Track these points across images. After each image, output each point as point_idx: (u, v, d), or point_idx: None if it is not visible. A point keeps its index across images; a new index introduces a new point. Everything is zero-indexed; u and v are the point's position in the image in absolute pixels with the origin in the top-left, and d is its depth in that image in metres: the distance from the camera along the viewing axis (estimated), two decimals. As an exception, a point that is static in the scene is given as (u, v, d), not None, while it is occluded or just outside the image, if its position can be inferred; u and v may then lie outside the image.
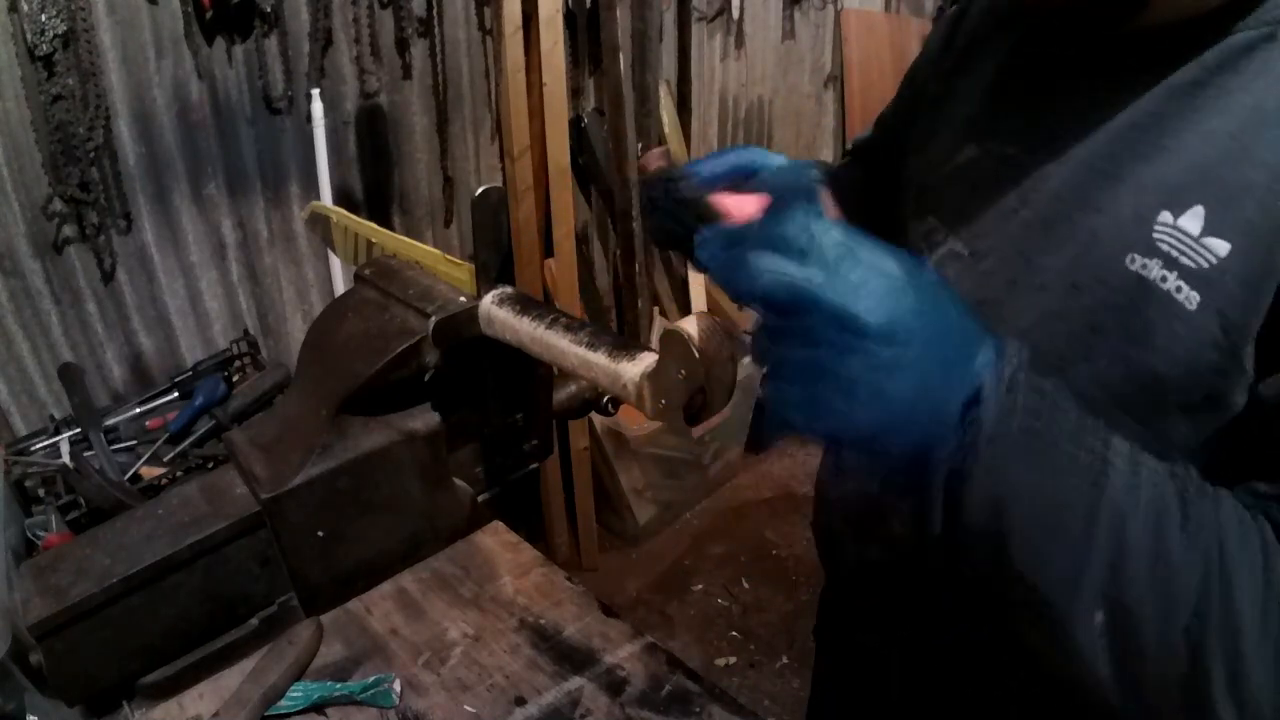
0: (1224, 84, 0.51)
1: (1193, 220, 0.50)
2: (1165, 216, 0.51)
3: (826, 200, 0.78)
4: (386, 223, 2.12)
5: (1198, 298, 0.49)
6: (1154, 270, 0.51)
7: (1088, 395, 0.52)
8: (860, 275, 0.40)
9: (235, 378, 1.77)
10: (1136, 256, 0.52)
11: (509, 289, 0.75)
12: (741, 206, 0.69)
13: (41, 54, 1.46)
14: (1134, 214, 0.53)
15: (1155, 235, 0.51)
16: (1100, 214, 0.55)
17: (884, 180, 0.83)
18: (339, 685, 0.75)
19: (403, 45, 1.97)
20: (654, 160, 0.76)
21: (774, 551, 2.53)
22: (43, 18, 1.44)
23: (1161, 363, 0.51)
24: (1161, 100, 0.53)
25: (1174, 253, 0.50)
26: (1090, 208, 0.55)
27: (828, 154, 3.42)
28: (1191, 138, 0.51)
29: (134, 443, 1.57)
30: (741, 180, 0.73)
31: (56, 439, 1.52)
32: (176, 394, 1.69)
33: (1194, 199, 0.50)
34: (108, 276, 1.70)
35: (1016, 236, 0.60)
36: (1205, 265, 0.49)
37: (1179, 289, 0.50)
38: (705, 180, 0.73)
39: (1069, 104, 0.59)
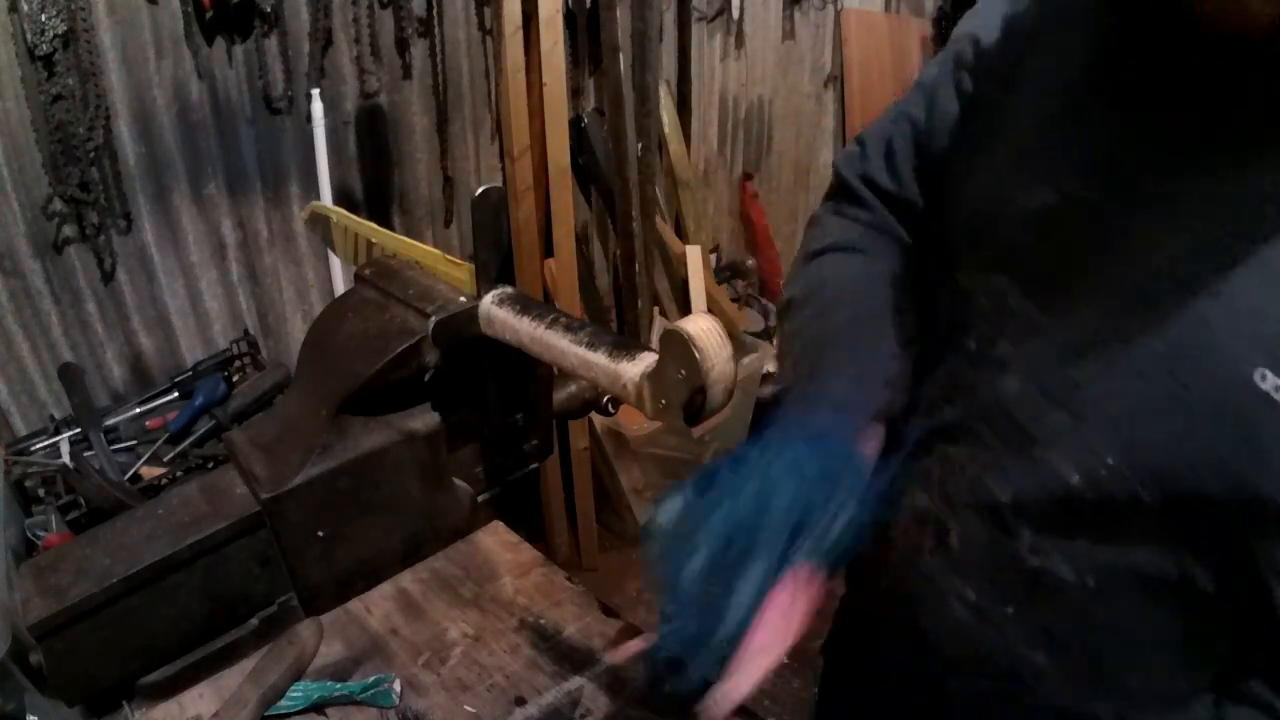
0: None
1: None
2: None
3: (869, 443, 0.61)
4: (386, 223, 2.12)
5: None
6: None
7: (1184, 527, 0.49)
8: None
9: (235, 378, 1.77)
10: (1268, 374, 0.44)
11: (509, 289, 0.75)
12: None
13: (41, 54, 1.46)
14: (1258, 309, 0.45)
15: None
16: (1215, 300, 0.46)
17: (922, 218, 0.71)
18: (339, 685, 0.75)
19: (403, 45, 1.97)
20: (629, 650, 0.62)
21: (774, 551, 2.53)
22: (43, 18, 1.44)
23: (1276, 489, 0.45)
24: None
25: None
26: (1206, 288, 0.47)
27: (828, 154, 3.42)
28: None
29: (134, 443, 1.57)
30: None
31: (56, 439, 1.53)
32: (176, 394, 1.70)
33: None
34: (108, 276, 1.71)
35: (1112, 310, 0.51)
36: None
37: None
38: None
39: (1182, 156, 0.48)
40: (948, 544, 0.63)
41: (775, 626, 0.48)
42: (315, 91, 1.73)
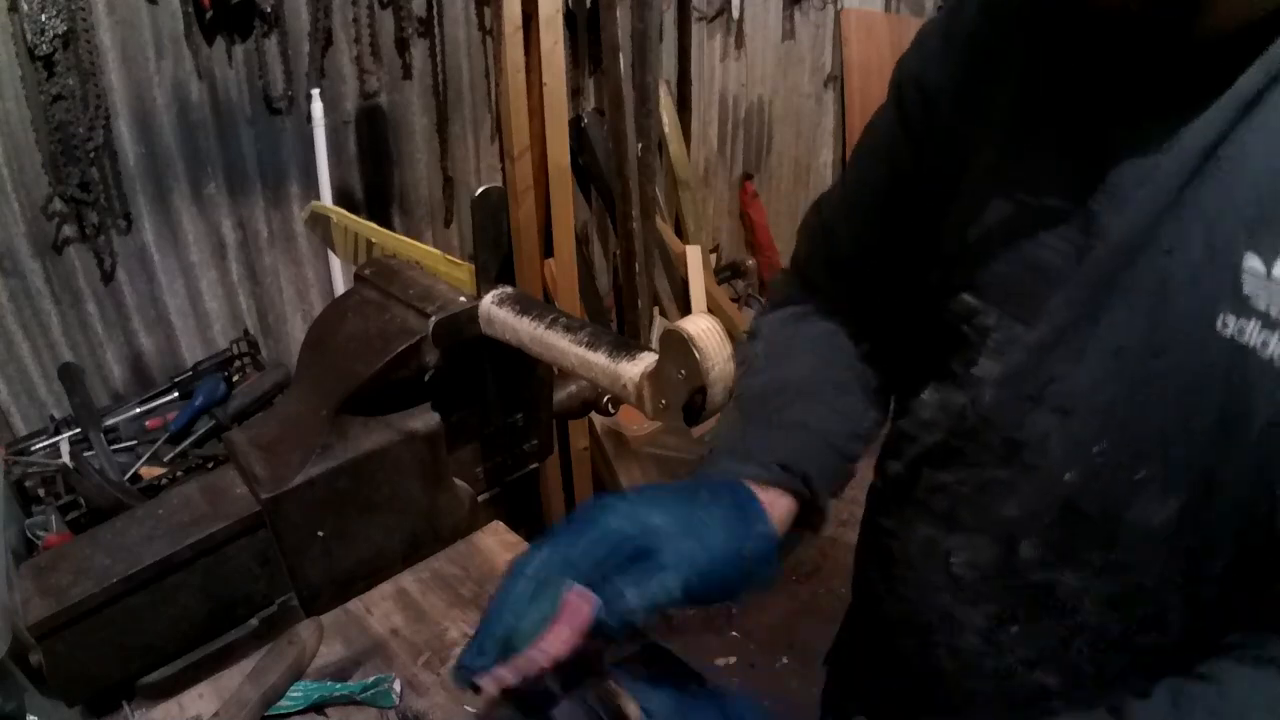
0: None
1: None
2: (1253, 264, 0.44)
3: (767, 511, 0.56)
4: (386, 223, 2.12)
5: None
6: (1252, 334, 0.44)
7: (1189, 499, 0.48)
8: None
9: (235, 378, 1.77)
10: (1230, 319, 0.45)
11: (509, 289, 0.75)
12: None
13: (41, 54, 1.46)
14: (1210, 256, 0.46)
15: (1247, 290, 0.45)
16: (1170, 256, 0.47)
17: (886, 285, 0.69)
18: (339, 685, 0.75)
19: (403, 45, 1.97)
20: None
21: (774, 551, 2.53)
22: (43, 18, 1.44)
23: (1269, 441, 0.45)
24: (1230, 116, 0.45)
25: (1273, 311, 0.44)
26: (1158, 250, 0.48)
27: (828, 154, 3.42)
28: (1262, 157, 0.44)
29: (134, 443, 1.57)
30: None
31: (56, 439, 1.52)
32: (176, 394, 1.69)
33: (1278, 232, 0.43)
34: (108, 276, 1.71)
35: (1077, 300, 0.51)
36: None
37: None
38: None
39: (1115, 135, 0.50)
40: (953, 572, 0.63)
41: (555, 635, 0.47)
42: (315, 91, 1.73)
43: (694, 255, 2.54)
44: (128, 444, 1.57)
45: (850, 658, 0.86)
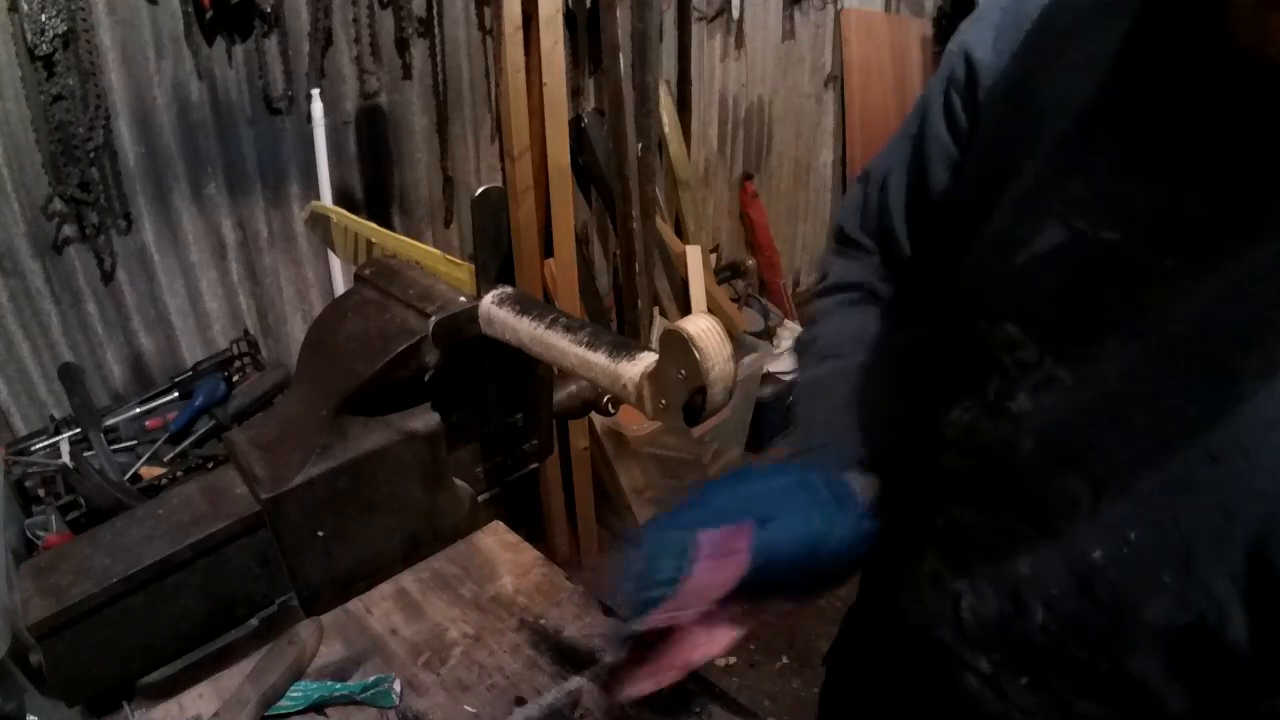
0: None
1: None
2: None
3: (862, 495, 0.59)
4: (386, 223, 2.12)
5: None
6: None
7: (1210, 614, 0.43)
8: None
9: (235, 378, 1.77)
10: None
11: (509, 289, 0.75)
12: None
13: (41, 54, 1.46)
14: None
15: None
16: (1247, 353, 0.41)
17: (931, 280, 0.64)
18: (339, 685, 0.75)
19: (403, 45, 1.97)
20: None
21: (774, 551, 2.53)
22: (43, 18, 1.44)
23: None
24: None
25: None
26: (1237, 340, 0.41)
27: (828, 154, 3.42)
28: None
29: (134, 443, 1.57)
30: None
31: (56, 439, 1.52)
32: (176, 394, 1.69)
33: None
34: (108, 276, 1.71)
35: (1135, 366, 0.45)
36: None
37: None
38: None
39: (1208, 179, 0.42)
40: (959, 613, 0.60)
41: (703, 582, 0.51)
42: (315, 91, 1.73)
43: (694, 255, 2.54)
44: (128, 444, 1.57)
45: (850, 658, 0.86)
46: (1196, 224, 0.42)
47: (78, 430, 1.53)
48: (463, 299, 0.76)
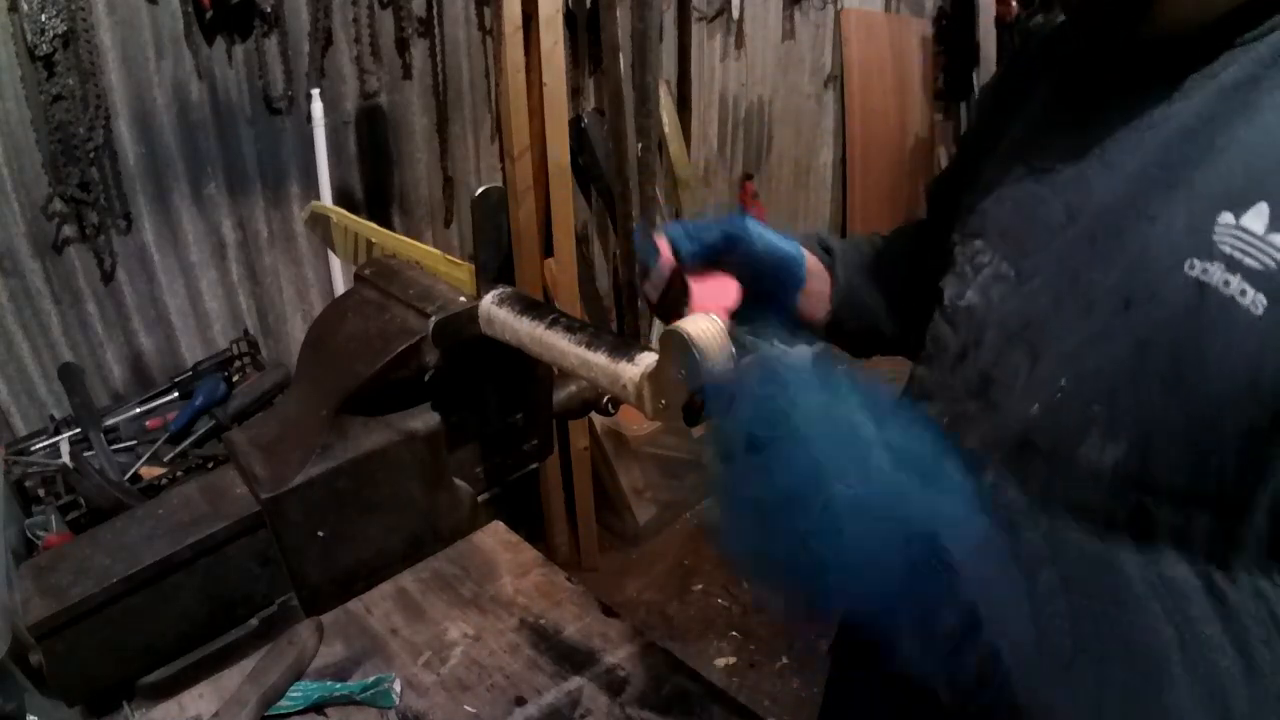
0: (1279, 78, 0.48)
1: (1256, 219, 0.46)
2: (1226, 218, 0.48)
3: (814, 281, 0.80)
4: (386, 223, 2.12)
5: (1264, 301, 0.45)
6: (1215, 274, 0.47)
7: (1137, 437, 0.50)
8: (830, 444, 0.44)
9: (235, 378, 1.77)
10: (1195, 261, 0.48)
11: (509, 289, 0.75)
12: (713, 298, 0.71)
13: (41, 54, 1.46)
14: (1189, 221, 0.49)
15: (1216, 237, 0.48)
16: (1153, 223, 0.51)
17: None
18: (339, 685, 0.75)
19: (403, 45, 1.97)
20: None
21: (774, 551, 2.53)
22: (43, 18, 1.44)
23: (1219, 380, 0.47)
24: (1213, 101, 0.51)
25: (1237, 254, 0.47)
26: (1142, 217, 0.52)
27: (827, 154, 3.42)
28: (1249, 136, 0.48)
29: (134, 443, 1.57)
30: (723, 254, 0.73)
31: (56, 439, 1.53)
32: (176, 394, 1.69)
33: (1256, 196, 0.47)
34: (108, 276, 1.71)
35: (1063, 253, 0.57)
36: (1274, 265, 0.45)
37: (1243, 292, 0.46)
38: (688, 255, 0.73)
39: (1116, 117, 0.57)
40: None
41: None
42: (315, 91, 1.73)
43: (694, 255, 2.53)
44: (128, 444, 1.57)
45: (851, 642, 0.87)
46: (1105, 143, 0.57)
47: (78, 430, 1.53)
48: (463, 299, 0.76)
